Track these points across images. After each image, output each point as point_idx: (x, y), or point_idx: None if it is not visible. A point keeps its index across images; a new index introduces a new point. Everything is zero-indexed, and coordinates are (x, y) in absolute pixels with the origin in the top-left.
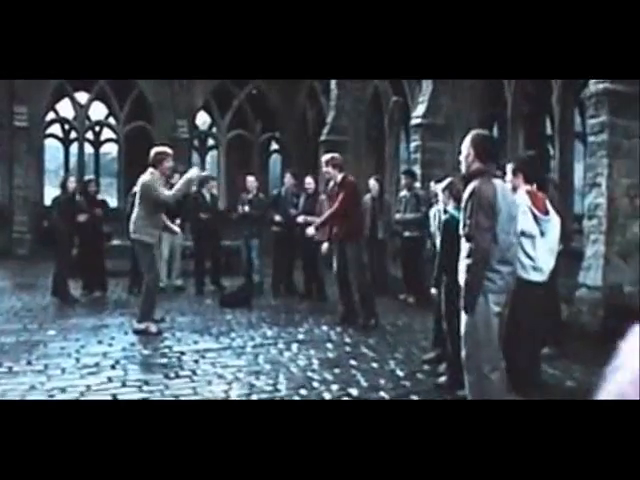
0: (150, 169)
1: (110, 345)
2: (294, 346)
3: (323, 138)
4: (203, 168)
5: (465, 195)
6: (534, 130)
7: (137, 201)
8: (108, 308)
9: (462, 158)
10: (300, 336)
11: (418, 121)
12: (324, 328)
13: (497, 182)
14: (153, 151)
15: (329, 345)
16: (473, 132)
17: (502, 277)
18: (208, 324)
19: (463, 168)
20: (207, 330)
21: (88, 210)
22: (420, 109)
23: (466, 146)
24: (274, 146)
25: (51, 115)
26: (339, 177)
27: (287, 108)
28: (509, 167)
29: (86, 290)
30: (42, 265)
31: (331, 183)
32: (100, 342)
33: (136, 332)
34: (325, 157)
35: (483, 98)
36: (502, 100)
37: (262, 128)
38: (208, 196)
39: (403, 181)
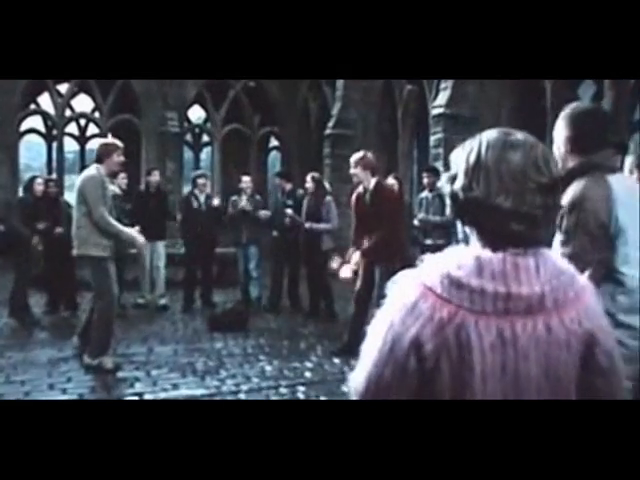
0: (95, 165)
1: (63, 391)
2: (300, 390)
3: (328, 132)
4: (197, 166)
5: (563, 203)
6: None
7: (75, 204)
8: (75, 332)
9: (555, 149)
10: (307, 373)
11: (440, 111)
12: (336, 362)
13: (615, 180)
14: (99, 143)
15: (345, 388)
16: (568, 108)
17: (634, 335)
18: (193, 356)
19: (559, 163)
20: (191, 367)
21: (48, 215)
22: (442, 97)
23: (558, 130)
24: (273, 142)
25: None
26: (372, 182)
27: (288, 100)
28: (629, 162)
29: (51, 308)
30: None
31: (359, 188)
32: (51, 387)
33: (87, 368)
34: (354, 156)
35: (516, 85)
36: (539, 87)
37: (260, 122)
38: (202, 197)
39: (425, 180)
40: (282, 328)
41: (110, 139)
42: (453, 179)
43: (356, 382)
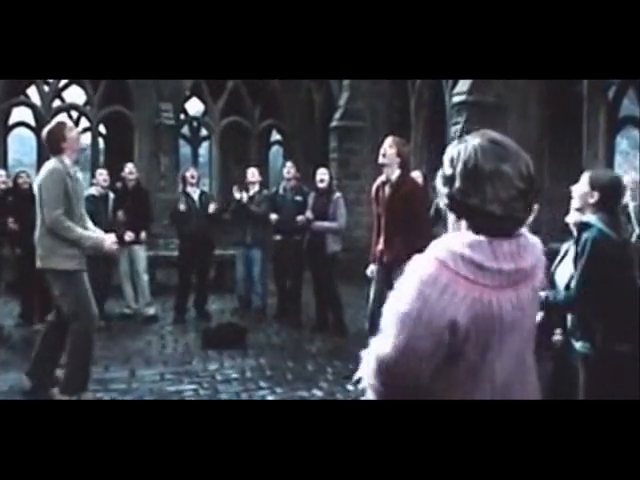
0: (54, 157)
1: None
2: None
3: (334, 124)
4: (195, 162)
5: None
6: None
7: (37, 208)
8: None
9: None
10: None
11: (462, 98)
12: (350, 388)
13: None
14: (46, 130)
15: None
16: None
17: None
18: (181, 382)
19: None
20: (178, 396)
21: (16, 212)
22: (464, 84)
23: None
24: (275, 136)
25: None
26: (396, 173)
27: (290, 90)
28: None
29: (23, 320)
30: None
31: (379, 179)
32: None
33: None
34: (392, 138)
35: None
36: None
37: (261, 114)
38: (197, 195)
39: None
40: (286, 344)
41: (60, 121)
42: (451, 181)
43: (383, 354)
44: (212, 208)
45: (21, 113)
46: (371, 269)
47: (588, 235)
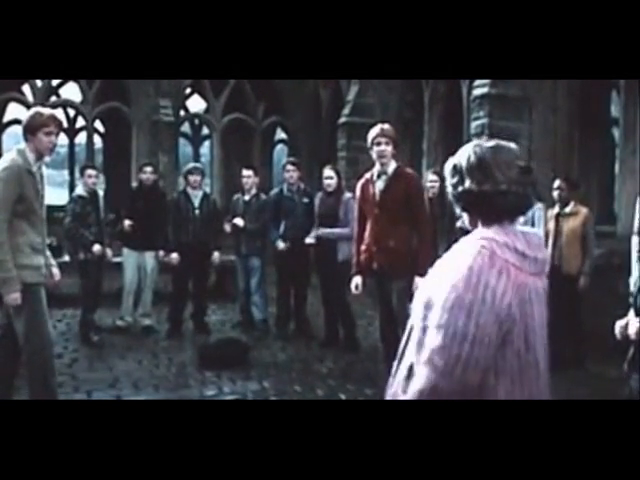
0: (18, 147)
1: None
2: None
3: (343, 120)
4: (197, 161)
5: None
6: None
7: None
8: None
9: None
10: None
11: (484, 91)
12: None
13: None
14: (29, 114)
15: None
16: None
17: None
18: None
19: None
20: None
21: None
22: None
23: None
24: (280, 134)
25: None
26: (391, 166)
27: (295, 86)
28: None
29: None
30: None
31: (368, 173)
32: None
33: None
34: (375, 129)
35: None
36: None
37: (265, 111)
38: (199, 196)
39: None
40: (292, 363)
41: (39, 109)
42: (462, 180)
43: (450, 346)
44: (228, 228)
45: (16, 110)
46: (356, 282)
47: None
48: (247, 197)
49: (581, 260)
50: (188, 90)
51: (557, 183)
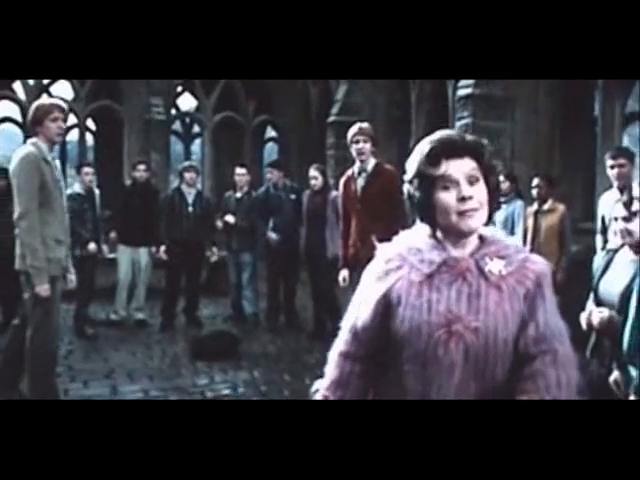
0: (31, 139)
1: None
2: None
3: (332, 119)
4: (188, 159)
5: None
6: None
7: (17, 197)
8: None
9: None
10: None
11: (468, 91)
12: None
13: None
14: (32, 107)
15: None
16: None
17: None
18: (166, 399)
19: None
20: None
21: None
22: None
23: None
24: (270, 132)
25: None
26: (371, 163)
27: (285, 85)
28: None
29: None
30: None
31: (353, 169)
32: None
33: None
34: (353, 128)
35: None
36: None
37: (255, 109)
38: (192, 193)
39: (501, 185)
40: (282, 354)
41: (46, 100)
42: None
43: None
44: (220, 224)
45: (7, 108)
46: (343, 275)
47: None
48: (239, 194)
49: (558, 256)
50: (179, 88)
51: (536, 181)
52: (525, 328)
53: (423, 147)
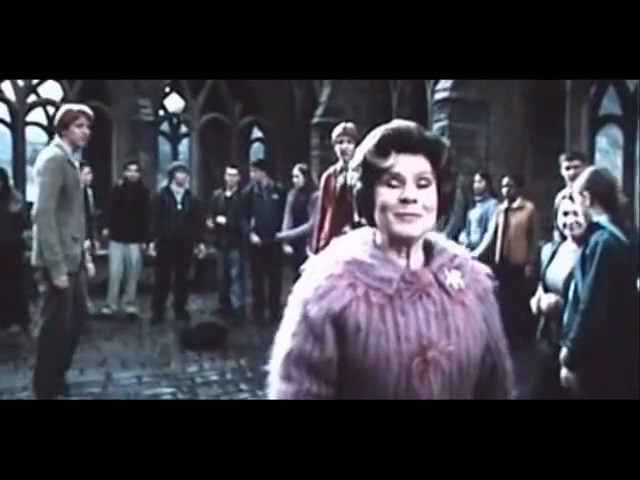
0: (56, 140)
1: None
2: None
3: (316, 121)
4: (175, 159)
5: None
6: None
7: (38, 194)
8: (18, 357)
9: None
10: None
11: (444, 95)
12: None
13: None
14: (60, 111)
15: None
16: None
17: None
18: (159, 385)
19: None
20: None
21: None
22: (446, 80)
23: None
24: (257, 133)
25: None
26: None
27: (271, 86)
28: None
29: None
30: None
31: (335, 167)
32: None
33: None
34: (338, 128)
35: None
36: None
37: (242, 111)
38: (181, 192)
39: (477, 184)
40: (267, 344)
41: (72, 105)
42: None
43: None
44: (223, 220)
45: None
46: None
47: (599, 237)
48: (229, 193)
49: (527, 251)
50: (167, 89)
51: (506, 180)
52: (487, 345)
53: (375, 134)
